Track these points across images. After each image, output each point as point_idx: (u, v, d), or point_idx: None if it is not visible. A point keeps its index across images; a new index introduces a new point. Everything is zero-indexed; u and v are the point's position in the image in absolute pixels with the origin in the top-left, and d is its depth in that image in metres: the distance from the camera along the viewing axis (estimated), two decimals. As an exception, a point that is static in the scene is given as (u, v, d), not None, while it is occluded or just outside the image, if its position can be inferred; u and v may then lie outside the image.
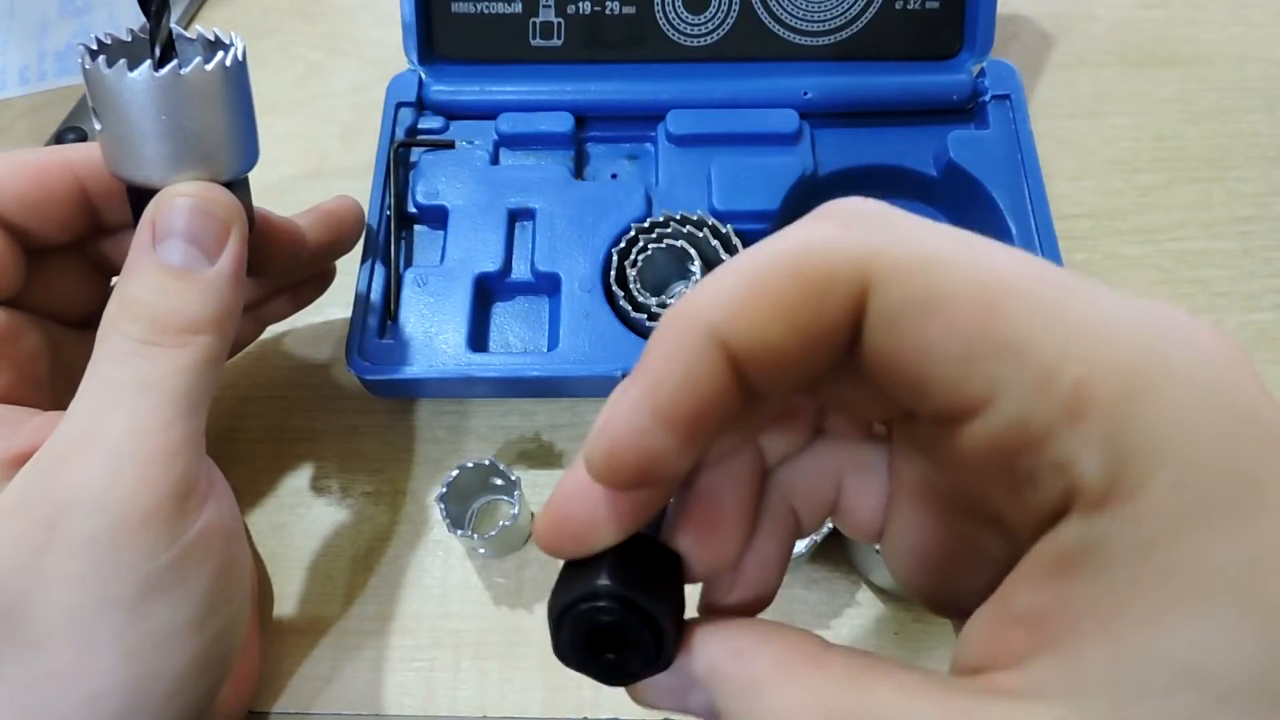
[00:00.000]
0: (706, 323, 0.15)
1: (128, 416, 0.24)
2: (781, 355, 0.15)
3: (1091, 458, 0.13)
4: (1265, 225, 0.41)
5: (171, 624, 0.24)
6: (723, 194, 0.38)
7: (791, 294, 0.14)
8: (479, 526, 0.36)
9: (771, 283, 0.14)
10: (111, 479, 0.23)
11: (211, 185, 0.26)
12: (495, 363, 0.35)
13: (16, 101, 0.48)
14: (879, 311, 0.14)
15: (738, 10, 0.41)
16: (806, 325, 0.14)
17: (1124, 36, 0.47)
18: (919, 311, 0.14)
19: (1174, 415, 0.12)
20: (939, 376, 0.14)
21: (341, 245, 0.35)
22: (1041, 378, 0.13)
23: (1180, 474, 0.12)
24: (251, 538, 0.36)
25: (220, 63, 0.25)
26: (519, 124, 0.41)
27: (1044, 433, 0.13)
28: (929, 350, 0.14)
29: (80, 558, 0.23)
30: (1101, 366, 0.13)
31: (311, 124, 0.46)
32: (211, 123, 0.26)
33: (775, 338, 0.14)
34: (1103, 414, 0.13)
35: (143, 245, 0.25)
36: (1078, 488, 0.13)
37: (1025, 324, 0.13)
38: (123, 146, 0.26)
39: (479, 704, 0.33)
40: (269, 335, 0.38)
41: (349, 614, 0.34)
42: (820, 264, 0.14)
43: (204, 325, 0.25)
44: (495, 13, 0.41)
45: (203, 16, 0.51)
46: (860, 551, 0.33)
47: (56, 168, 0.28)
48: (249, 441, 0.38)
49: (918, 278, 0.14)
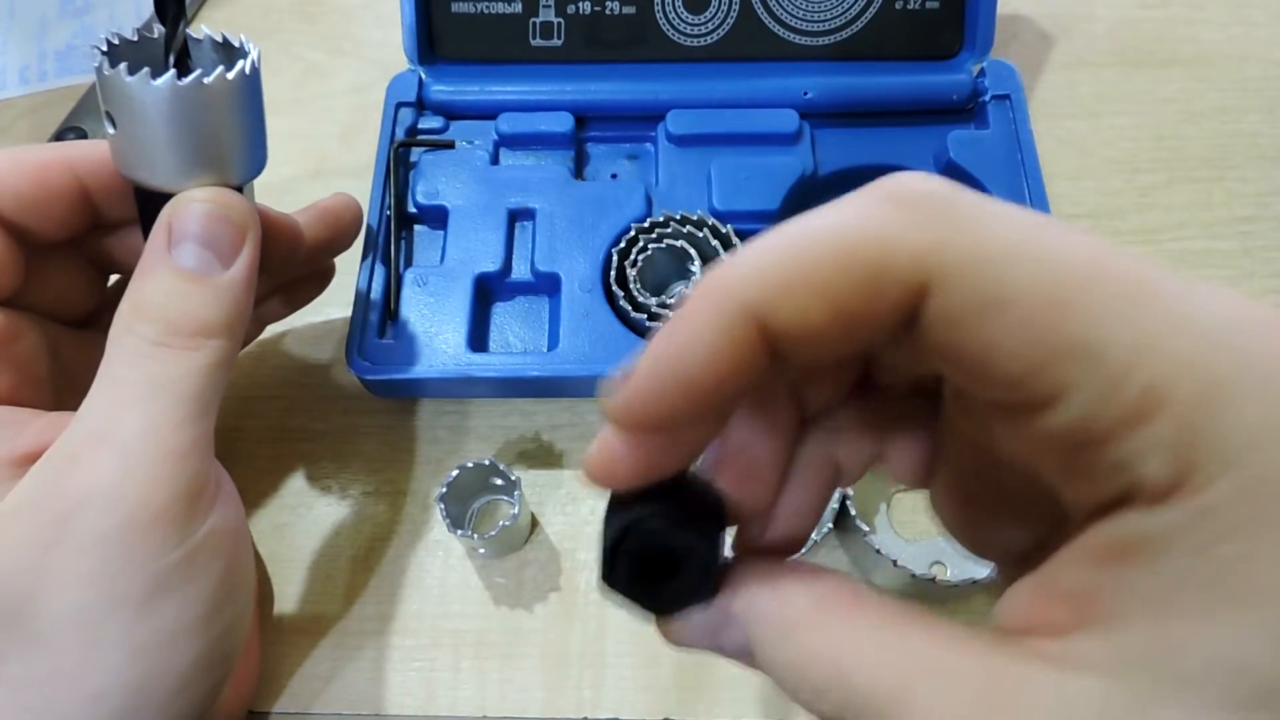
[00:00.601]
0: (741, 300, 0.14)
1: (141, 416, 0.24)
2: (822, 338, 0.14)
3: (1157, 457, 0.13)
4: (1265, 225, 0.41)
5: (178, 622, 0.24)
6: (723, 194, 0.38)
7: (840, 282, 0.14)
8: (479, 526, 0.36)
9: (820, 268, 0.14)
10: (125, 477, 0.23)
11: (227, 191, 0.26)
12: (495, 363, 0.35)
13: (16, 101, 0.48)
14: (940, 310, 0.14)
15: (738, 10, 0.41)
16: (853, 314, 0.14)
17: (1124, 36, 0.47)
18: (984, 312, 0.13)
19: (1245, 419, 0.12)
20: (1003, 373, 0.14)
21: (340, 243, 0.35)
22: (1112, 380, 0.13)
23: (1247, 479, 0.12)
24: (253, 538, 0.36)
25: (241, 71, 0.26)
26: (519, 124, 0.41)
27: (1110, 432, 0.13)
28: (994, 348, 0.14)
29: (91, 555, 0.23)
30: (1174, 368, 0.13)
31: (311, 124, 0.46)
32: (228, 129, 0.26)
33: (817, 322, 0.14)
34: (1173, 416, 0.13)
35: (158, 248, 0.26)
36: (1140, 485, 0.13)
37: (1096, 324, 0.13)
38: (138, 151, 0.26)
39: (479, 704, 0.33)
40: (269, 335, 0.38)
41: (349, 614, 0.34)
42: (875, 256, 0.14)
43: (217, 329, 0.26)
44: (495, 13, 0.41)
45: (203, 16, 0.51)
46: (860, 551, 0.33)
47: (56, 165, 0.28)
48: (249, 441, 0.38)
49: (983, 278, 0.13)
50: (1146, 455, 0.13)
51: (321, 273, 0.37)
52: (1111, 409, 0.13)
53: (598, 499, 0.36)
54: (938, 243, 0.14)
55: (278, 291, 0.36)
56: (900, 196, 0.14)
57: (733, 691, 0.32)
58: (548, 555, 0.35)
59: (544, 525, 0.36)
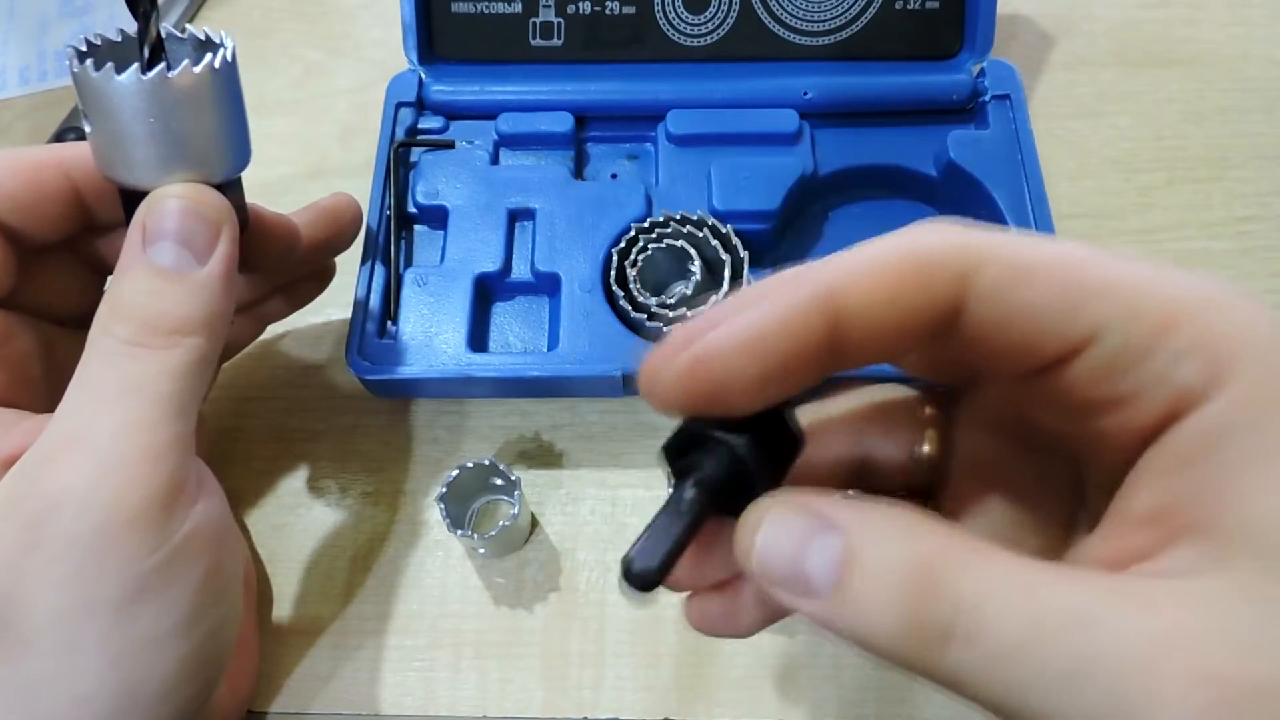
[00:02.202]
0: (821, 283, 0.17)
1: (114, 417, 0.24)
2: (884, 323, 0.17)
3: (1189, 361, 0.15)
4: (1265, 225, 0.41)
5: (158, 628, 0.24)
6: (723, 194, 0.38)
7: (904, 270, 0.17)
8: (479, 526, 0.36)
9: (888, 260, 0.17)
10: (97, 480, 0.23)
11: (202, 187, 0.26)
12: (495, 363, 0.35)
13: (16, 101, 0.48)
14: (983, 286, 0.17)
15: (738, 10, 0.41)
16: (911, 299, 0.17)
17: (1124, 36, 0.47)
18: (1020, 278, 0.16)
19: (1245, 319, 0.15)
20: (1043, 328, 0.17)
21: (339, 242, 0.35)
22: (1134, 306, 0.16)
23: (1267, 360, 0.15)
24: (251, 538, 0.36)
25: (209, 64, 0.25)
26: (519, 124, 0.41)
27: (1144, 351, 0.16)
28: (1033, 307, 0.16)
29: (65, 560, 0.23)
30: (1180, 290, 0.16)
31: (311, 124, 0.46)
32: (202, 124, 0.26)
33: (882, 307, 0.17)
34: (1193, 323, 0.15)
35: (133, 247, 0.25)
36: (1183, 391, 0.15)
37: (1109, 271, 0.16)
38: (113, 149, 0.25)
39: (479, 704, 0.33)
40: (269, 335, 0.38)
41: (349, 614, 0.34)
42: (932, 251, 0.17)
43: (194, 326, 0.25)
44: (495, 13, 0.41)
45: (203, 16, 0.51)
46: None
47: (49, 167, 0.28)
48: (249, 441, 0.38)
49: (1014, 254, 0.17)
50: (1180, 362, 0.15)
51: (321, 272, 0.37)
52: (1140, 329, 0.16)
53: (597, 499, 0.36)
54: (974, 239, 0.17)
55: (277, 291, 0.36)
56: (938, 224, 0.18)
57: (733, 692, 0.32)
58: (548, 555, 0.35)
59: (544, 525, 0.36)
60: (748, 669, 0.33)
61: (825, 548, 0.16)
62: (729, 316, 0.17)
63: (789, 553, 0.16)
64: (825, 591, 0.16)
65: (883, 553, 0.16)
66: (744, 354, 0.17)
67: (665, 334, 0.18)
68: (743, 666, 0.33)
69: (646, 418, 0.38)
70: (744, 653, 0.33)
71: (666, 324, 0.35)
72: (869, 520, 0.16)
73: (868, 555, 0.16)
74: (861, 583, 0.16)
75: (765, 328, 0.17)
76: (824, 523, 0.16)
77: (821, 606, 0.16)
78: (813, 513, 0.17)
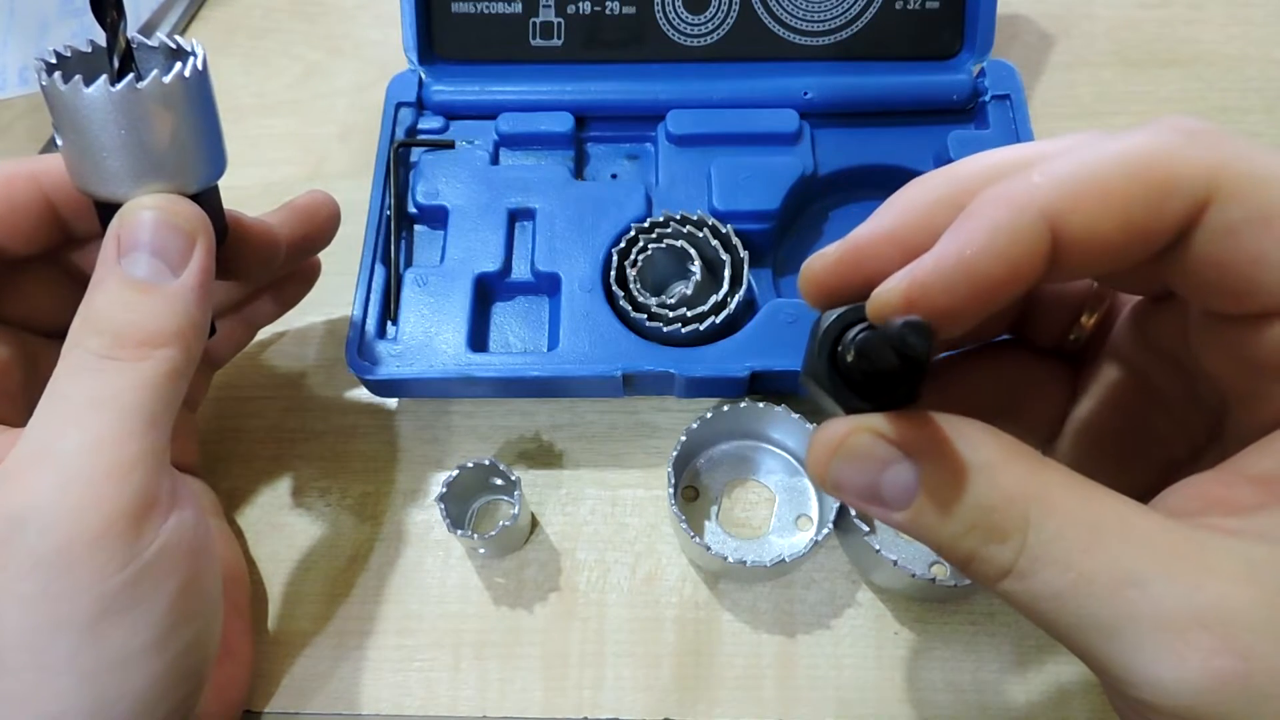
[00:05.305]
0: (1040, 205, 0.16)
1: (81, 432, 0.23)
2: (1107, 248, 0.16)
3: None
4: (1265, 225, 0.41)
5: (129, 646, 0.23)
6: (723, 194, 0.38)
7: (1133, 194, 0.16)
8: (479, 526, 0.36)
9: (1115, 181, 0.16)
10: (61, 496, 0.22)
11: (176, 197, 0.26)
12: (495, 363, 0.35)
13: (16, 101, 0.48)
14: (1218, 222, 0.16)
15: (738, 10, 0.41)
16: (1140, 225, 0.16)
17: (1124, 36, 0.47)
18: (1261, 225, 0.15)
19: None
20: (1267, 281, 0.16)
21: (317, 240, 0.34)
22: None
23: None
24: (250, 538, 0.36)
25: (179, 73, 0.25)
26: (519, 124, 0.41)
27: None
28: (1263, 257, 0.15)
29: (32, 578, 0.22)
30: None
31: (311, 124, 0.46)
32: (173, 135, 0.25)
33: (1107, 231, 0.16)
34: None
35: (107, 259, 0.25)
36: None
37: None
38: (85, 161, 0.25)
39: (479, 704, 0.33)
40: (269, 335, 0.38)
41: (348, 613, 0.34)
42: (1166, 171, 0.16)
43: (166, 338, 0.25)
44: (495, 13, 0.41)
45: (203, 16, 0.51)
46: (860, 551, 0.33)
47: (21, 180, 0.28)
48: (249, 441, 0.38)
49: (1262, 195, 0.15)
50: None
51: (306, 271, 0.36)
52: None
53: (597, 499, 0.36)
54: (1221, 162, 0.16)
55: (262, 293, 0.35)
56: (1182, 127, 0.16)
57: (733, 691, 0.32)
58: (548, 555, 0.35)
59: (544, 525, 0.36)
60: (748, 669, 0.33)
61: (900, 474, 0.17)
62: (942, 245, 0.16)
63: (863, 481, 0.18)
64: (899, 513, 0.17)
65: (954, 490, 0.17)
66: (963, 283, 0.16)
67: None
68: (743, 666, 0.33)
69: (646, 417, 0.38)
70: (744, 653, 0.33)
71: (666, 324, 0.35)
72: (943, 453, 0.17)
73: (938, 490, 0.17)
74: (931, 517, 0.17)
75: (976, 260, 0.16)
76: (898, 453, 0.17)
77: (895, 520, 0.18)
78: (889, 440, 0.17)
